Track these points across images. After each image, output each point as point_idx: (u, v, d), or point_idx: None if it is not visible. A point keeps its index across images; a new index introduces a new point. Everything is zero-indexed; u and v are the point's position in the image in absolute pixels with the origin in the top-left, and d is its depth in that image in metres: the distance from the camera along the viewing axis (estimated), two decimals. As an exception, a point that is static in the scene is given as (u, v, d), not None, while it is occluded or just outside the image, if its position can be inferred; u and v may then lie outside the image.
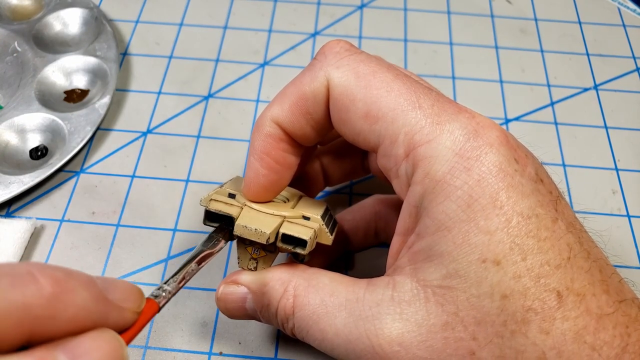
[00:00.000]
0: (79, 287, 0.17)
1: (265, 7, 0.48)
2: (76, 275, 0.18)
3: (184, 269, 0.23)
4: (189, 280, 0.23)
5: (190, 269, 0.23)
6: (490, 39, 0.46)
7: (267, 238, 0.24)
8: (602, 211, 0.37)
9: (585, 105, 0.43)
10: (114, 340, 0.18)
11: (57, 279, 0.17)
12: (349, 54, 0.25)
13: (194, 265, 0.23)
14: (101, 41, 0.43)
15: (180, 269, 0.23)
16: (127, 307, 0.19)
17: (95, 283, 0.18)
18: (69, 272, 0.17)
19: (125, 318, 0.19)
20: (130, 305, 0.19)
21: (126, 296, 0.19)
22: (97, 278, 0.19)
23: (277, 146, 0.26)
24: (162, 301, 0.21)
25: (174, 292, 0.22)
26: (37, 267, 0.17)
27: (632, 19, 0.48)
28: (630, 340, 0.21)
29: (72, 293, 0.17)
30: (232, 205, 0.26)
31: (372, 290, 0.24)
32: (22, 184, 0.35)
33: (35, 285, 0.16)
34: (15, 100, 0.39)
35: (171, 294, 0.22)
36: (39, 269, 0.17)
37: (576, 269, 0.21)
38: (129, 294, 0.19)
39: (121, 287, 0.19)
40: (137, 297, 0.20)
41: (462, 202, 0.21)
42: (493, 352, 0.21)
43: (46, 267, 0.17)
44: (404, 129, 0.23)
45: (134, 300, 0.20)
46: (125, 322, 0.19)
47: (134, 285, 0.20)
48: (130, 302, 0.19)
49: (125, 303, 0.19)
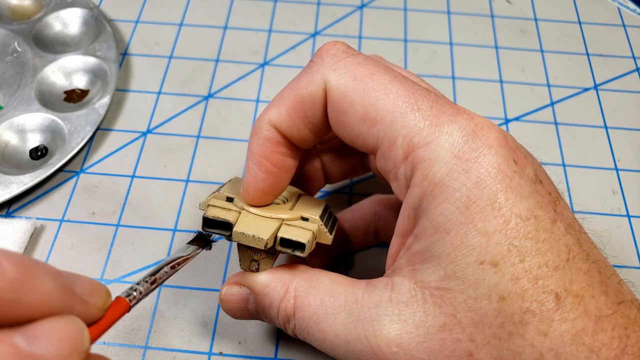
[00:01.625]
0: (43, 275, 0.17)
1: (265, 7, 0.48)
2: (42, 264, 0.18)
3: (157, 271, 0.23)
4: (161, 283, 0.23)
5: (164, 272, 0.24)
6: (490, 39, 0.46)
7: (265, 244, 0.24)
8: (602, 211, 0.37)
9: (585, 105, 0.43)
10: (74, 324, 0.18)
11: (21, 265, 0.17)
12: (346, 56, 0.25)
13: (168, 269, 0.24)
14: (101, 41, 0.43)
15: (154, 271, 0.23)
16: (92, 302, 0.19)
17: (61, 274, 0.18)
18: (35, 261, 0.18)
19: (90, 312, 0.19)
20: (96, 300, 0.19)
21: (92, 291, 0.19)
22: (64, 272, 0.19)
23: (275, 150, 0.26)
24: (132, 301, 0.21)
25: (145, 293, 0.22)
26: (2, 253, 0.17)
27: (632, 19, 0.48)
28: (629, 342, 0.21)
29: (37, 280, 0.17)
30: (229, 210, 0.26)
31: (370, 291, 0.24)
32: (22, 184, 0.35)
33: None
34: (15, 100, 0.39)
35: (142, 295, 0.22)
36: (4, 254, 0.17)
37: (575, 271, 0.21)
38: (95, 289, 0.20)
39: (87, 283, 0.19)
40: (103, 293, 0.20)
41: (460, 204, 0.21)
42: (491, 353, 0.21)
43: (12, 253, 0.17)
44: (402, 131, 0.23)
45: (100, 296, 0.20)
46: (90, 317, 0.19)
47: (101, 283, 0.20)
48: (96, 297, 0.19)
49: (91, 298, 0.19)
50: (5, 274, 0.16)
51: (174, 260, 0.24)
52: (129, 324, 0.32)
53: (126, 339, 0.31)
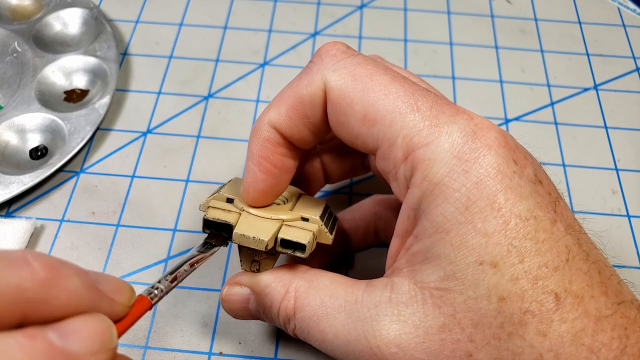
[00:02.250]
0: (71, 274, 0.18)
1: (265, 7, 0.48)
2: (69, 264, 0.18)
3: (177, 269, 0.24)
4: (181, 281, 0.24)
5: (183, 270, 0.24)
6: (490, 39, 0.46)
7: (266, 245, 0.25)
8: (602, 211, 0.37)
9: (585, 105, 0.43)
10: (103, 322, 0.18)
11: (50, 265, 0.17)
12: (345, 57, 0.25)
13: (187, 267, 0.24)
14: (101, 41, 0.43)
15: (173, 270, 0.24)
16: (117, 300, 0.20)
17: (87, 273, 0.19)
18: (62, 261, 0.18)
19: (116, 310, 0.20)
20: (121, 298, 0.20)
21: (117, 289, 0.20)
22: (90, 271, 0.19)
23: (275, 150, 0.26)
24: (154, 299, 0.22)
25: (166, 291, 0.22)
26: (32, 254, 0.17)
27: (632, 19, 0.48)
28: (629, 342, 0.21)
29: (65, 279, 0.18)
30: (229, 211, 0.26)
31: (370, 291, 0.24)
32: (22, 184, 0.35)
33: (29, 269, 0.17)
34: (15, 100, 0.39)
35: (163, 293, 0.22)
36: (33, 255, 0.17)
37: (574, 271, 0.21)
38: (120, 287, 0.20)
39: (113, 281, 0.20)
40: (128, 291, 0.20)
41: (460, 204, 0.21)
42: (490, 354, 0.21)
43: (41, 254, 0.18)
44: (402, 131, 0.23)
45: (125, 293, 0.20)
46: (116, 314, 0.20)
47: (125, 282, 0.21)
48: (121, 295, 0.20)
49: (116, 295, 0.20)
50: (35, 274, 0.17)
51: (193, 257, 0.25)
52: (129, 324, 0.32)
53: (126, 339, 0.31)
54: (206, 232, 0.26)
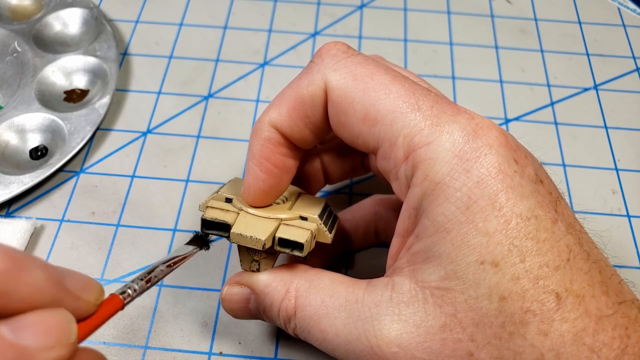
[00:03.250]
0: (34, 268, 0.17)
1: (265, 7, 0.48)
2: (34, 257, 0.18)
3: (153, 270, 0.24)
4: (157, 282, 0.23)
5: (160, 270, 0.24)
6: (490, 39, 0.46)
7: (263, 244, 0.24)
8: (602, 211, 0.37)
9: (585, 105, 0.43)
10: (61, 316, 0.18)
11: (11, 257, 0.17)
12: (346, 56, 0.25)
13: (164, 267, 0.24)
14: (101, 41, 0.43)
15: (149, 270, 0.23)
16: (84, 297, 0.19)
17: (52, 268, 0.18)
18: (26, 254, 0.18)
19: (82, 307, 0.19)
20: (88, 296, 0.19)
21: (84, 287, 0.19)
22: (56, 266, 0.19)
23: (276, 150, 0.26)
24: (127, 298, 0.21)
25: (140, 291, 0.22)
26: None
27: (632, 19, 0.48)
28: (630, 342, 0.21)
29: (27, 272, 0.17)
30: (228, 211, 0.26)
31: (371, 291, 0.24)
32: (22, 184, 0.35)
33: None
34: (15, 100, 0.39)
35: (137, 293, 0.22)
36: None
37: (575, 271, 0.21)
38: (88, 285, 0.20)
39: (80, 278, 0.20)
40: (96, 290, 0.20)
41: (461, 203, 0.21)
42: (491, 353, 0.21)
43: (3, 245, 0.17)
44: (403, 131, 0.23)
45: (92, 291, 0.20)
46: (82, 312, 0.19)
47: (94, 280, 0.20)
48: (88, 292, 0.19)
49: (83, 293, 0.19)
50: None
51: (171, 259, 0.25)
52: (129, 324, 0.32)
53: (126, 339, 0.31)
54: (204, 232, 0.26)
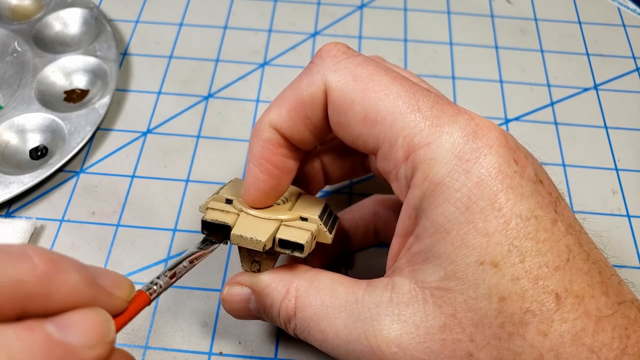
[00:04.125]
0: (71, 269, 0.18)
1: (265, 7, 0.48)
2: (69, 259, 0.18)
3: (176, 266, 0.24)
4: (180, 277, 0.24)
5: (182, 266, 0.24)
6: (490, 39, 0.46)
7: (263, 246, 0.24)
8: (602, 211, 0.37)
9: (585, 105, 0.43)
10: (101, 316, 0.19)
11: (50, 260, 0.17)
12: (346, 57, 0.25)
13: (186, 263, 0.24)
14: (101, 41, 0.43)
15: (172, 266, 0.24)
16: (117, 294, 0.20)
17: (87, 268, 0.19)
18: (62, 255, 0.18)
19: (115, 304, 0.20)
20: (120, 292, 0.20)
21: (116, 284, 0.20)
22: (89, 266, 0.19)
23: (276, 151, 0.26)
24: (153, 294, 0.22)
25: (164, 287, 0.23)
26: (32, 248, 0.18)
27: (632, 19, 0.48)
28: (629, 342, 0.21)
29: (64, 273, 0.18)
30: (228, 212, 0.26)
31: (371, 291, 0.24)
32: (22, 184, 0.35)
33: (29, 263, 0.17)
34: (15, 100, 0.39)
35: (162, 289, 0.23)
36: (33, 249, 0.17)
37: (575, 271, 0.21)
38: (120, 282, 0.20)
39: (112, 276, 0.20)
40: (127, 286, 0.20)
41: (460, 204, 0.21)
42: (491, 354, 0.21)
43: (41, 248, 0.18)
44: (403, 132, 0.23)
45: (124, 288, 0.20)
46: (115, 309, 0.20)
47: (125, 277, 0.21)
48: (120, 289, 0.20)
49: (116, 290, 0.20)
50: (35, 268, 0.17)
51: (192, 254, 0.25)
52: (129, 324, 0.32)
53: (126, 339, 0.31)
54: (204, 233, 0.26)
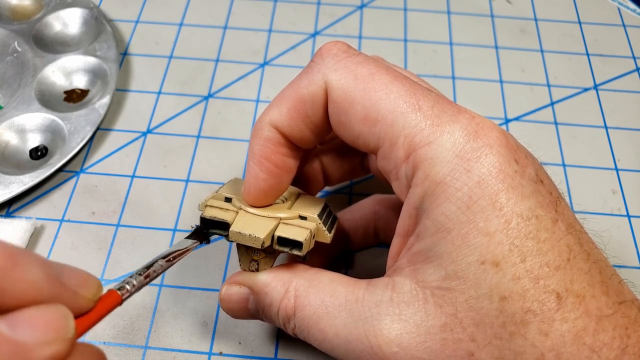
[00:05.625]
0: (31, 264, 0.17)
1: (265, 7, 0.48)
2: (31, 253, 0.18)
3: (151, 265, 0.23)
4: (155, 277, 0.23)
5: (159, 265, 0.23)
6: (490, 39, 0.46)
7: (262, 243, 0.24)
8: (602, 211, 0.37)
9: (585, 105, 0.43)
10: (58, 311, 0.18)
11: (7, 253, 0.17)
12: (346, 56, 0.25)
13: (163, 262, 0.24)
14: (101, 41, 0.43)
15: (148, 265, 0.23)
16: (81, 293, 0.19)
17: (49, 264, 0.18)
18: (23, 250, 0.18)
19: (79, 303, 0.19)
20: (86, 291, 0.19)
21: (82, 282, 0.19)
22: (54, 262, 0.19)
23: (276, 150, 0.26)
24: (125, 294, 0.21)
25: (138, 287, 0.22)
26: None
27: (632, 19, 0.48)
28: (630, 342, 0.21)
29: (23, 268, 0.17)
30: (227, 210, 0.26)
31: (371, 291, 0.24)
32: (22, 184, 0.35)
33: None
34: (15, 100, 0.39)
35: (135, 288, 0.22)
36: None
37: (576, 271, 0.21)
38: (86, 281, 0.20)
39: (78, 274, 0.19)
40: (94, 285, 0.20)
41: (461, 203, 0.21)
42: (492, 353, 0.21)
43: (1, 242, 0.17)
44: (403, 131, 0.23)
45: (90, 287, 0.20)
46: (79, 307, 0.19)
47: (92, 275, 0.20)
48: (85, 288, 0.19)
49: (80, 289, 0.19)
50: None
51: (170, 254, 0.24)
52: (129, 324, 0.32)
53: (126, 339, 0.31)
54: (204, 231, 0.26)
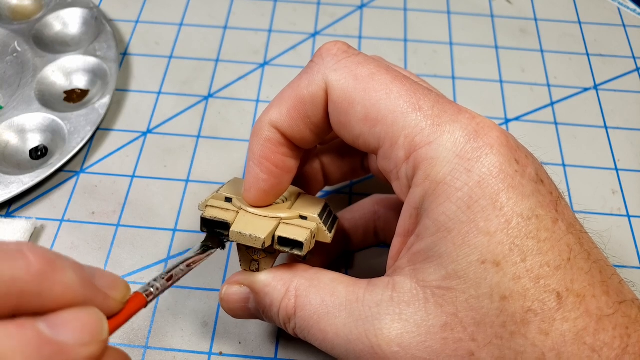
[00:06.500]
0: (67, 268, 0.18)
1: (265, 7, 0.48)
2: (66, 258, 0.18)
3: (174, 269, 0.24)
4: (177, 280, 0.24)
5: (180, 270, 0.24)
6: (490, 39, 0.46)
7: (262, 243, 0.24)
8: (602, 211, 0.37)
9: (585, 105, 0.43)
10: (94, 315, 0.18)
11: (46, 258, 0.17)
12: (346, 56, 0.25)
13: (184, 267, 0.24)
14: (101, 41, 0.43)
15: (170, 269, 0.24)
16: (112, 296, 0.20)
17: (82, 268, 0.19)
18: (59, 255, 0.18)
19: (110, 305, 0.20)
20: (116, 294, 0.20)
21: (113, 285, 0.20)
22: (86, 266, 0.19)
23: (277, 150, 0.26)
24: (149, 296, 0.22)
25: (161, 290, 0.23)
26: (28, 246, 0.17)
27: (632, 19, 0.48)
28: (630, 342, 0.21)
29: (60, 272, 0.18)
30: (227, 210, 0.26)
31: (372, 290, 0.24)
32: (22, 184, 0.35)
33: (24, 261, 0.17)
34: (15, 100, 0.39)
35: (159, 291, 0.22)
36: (29, 247, 0.17)
37: (576, 270, 0.21)
38: (116, 283, 0.20)
39: (108, 277, 0.20)
40: (123, 287, 0.20)
41: (462, 203, 0.21)
42: (492, 353, 0.21)
43: (38, 247, 0.18)
44: (404, 131, 0.23)
45: (120, 290, 0.20)
46: (110, 310, 0.20)
47: (121, 278, 0.21)
48: (116, 290, 0.20)
49: (111, 291, 0.20)
50: (30, 266, 0.17)
51: (190, 259, 0.25)
52: (129, 323, 0.32)
53: (126, 339, 0.31)
54: (204, 230, 0.26)
